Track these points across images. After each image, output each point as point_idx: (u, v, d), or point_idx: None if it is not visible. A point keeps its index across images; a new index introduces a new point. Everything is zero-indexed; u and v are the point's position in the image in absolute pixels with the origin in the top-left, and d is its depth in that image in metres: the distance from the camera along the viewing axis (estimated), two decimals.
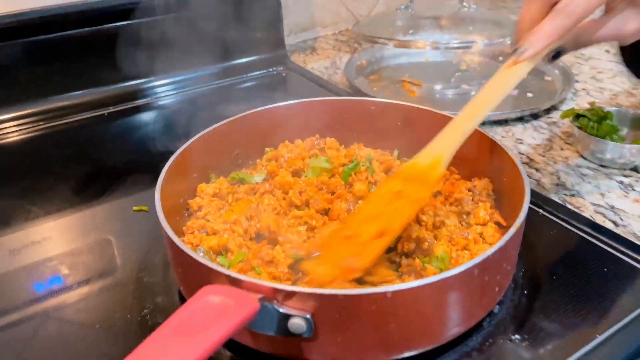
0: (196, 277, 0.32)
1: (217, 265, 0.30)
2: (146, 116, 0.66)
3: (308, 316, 0.28)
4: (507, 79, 0.39)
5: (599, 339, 0.33)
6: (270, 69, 0.74)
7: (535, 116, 0.61)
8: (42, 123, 0.63)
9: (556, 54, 0.41)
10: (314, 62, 0.80)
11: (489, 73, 0.41)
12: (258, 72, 0.74)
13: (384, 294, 0.28)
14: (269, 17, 0.74)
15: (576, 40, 0.40)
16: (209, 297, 0.26)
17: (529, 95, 0.68)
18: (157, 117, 0.65)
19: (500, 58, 0.78)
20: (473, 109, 0.40)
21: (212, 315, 0.25)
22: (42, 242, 0.45)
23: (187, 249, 0.32)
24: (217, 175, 0.46)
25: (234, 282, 0.29)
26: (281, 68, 0.75)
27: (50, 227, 0.47)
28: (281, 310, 0.28)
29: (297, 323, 0.28)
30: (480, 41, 0.72)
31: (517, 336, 0.34)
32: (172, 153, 0.41)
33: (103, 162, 0.57)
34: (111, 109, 0.66)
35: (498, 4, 1.03)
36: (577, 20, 0.36)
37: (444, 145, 0.39)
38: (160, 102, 0.68)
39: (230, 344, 0.33)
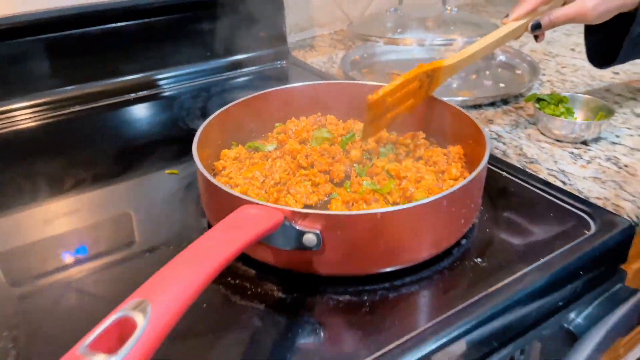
0: (228, 208, 0.41)
1: (246, 196, 0.39)
2: (164, 103, 0.75)
3: (318, 232, 0.37)
4: (500, 30, 0.55)
5: (541, 261, 0.43)
6: (274, 63, 0.84)
7: (505, 102, 0.71)
8: (70, 108, 0.72)
9: (536, 26, 0.55)
10: (312, 57, 0.90)
11: (467, 67, 0.51)
12: (263, 65, 0.83)
13: (375, 214, 0.37)
14: (273, 17, 0.84)
15: (550, 18, 0.55)
16: (247, 210, 0.35)
17: (501, 85, 0.78)
18: (175, 103, 0.74)
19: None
20: (472, 46, 0.55)
21: (252, 218, 0.34)
22: (74, 213, 0.52)
23: (221, 185, 0.41)
24: (237, 144, 0.55)
25: (262, 208, 0.38)
26: (284, 62, 0.85)
27: (83, 198, 0.54)
28: (297, 227, 0.37)
29: (310, 238, 0.38)
30: (460, 39, 0.82)
31: (479, 259, 0.43)
32: (194, 131, 0.50)
33: (132, 140, 0.66)
34: (132, 96, 0.75)
35: (478, 9, 1.13)
36: None
37: (447, 61, 0.53)
38: (176, 91, 0.77)
39: (254, 263, 0.42)
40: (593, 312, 0.46)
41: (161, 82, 0.77)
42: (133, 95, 0.75)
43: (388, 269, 0.41)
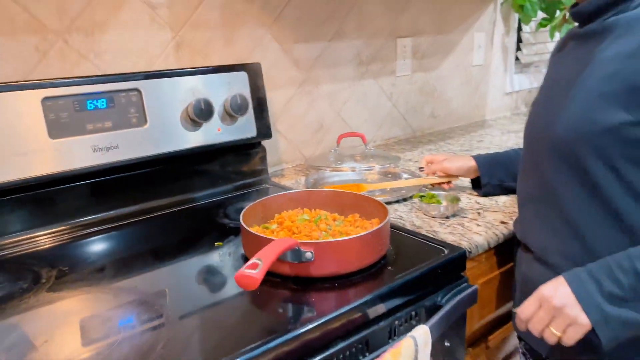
0: (256, 244, 0.83)
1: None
2: (197, 212, 1.17)
3: (312, 251, 0.80)
4: (411, 182, 1.01)
5: (422, 266, 0.87)
6: (262, 185, 1.30)
7: (404, 200, 1.19)
8: (115, 225, 1.13)
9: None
10: (284, 181, 1.37)
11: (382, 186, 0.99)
12: (256, 186, 1.29)
13: (340, 241, 0.81)
14: (259, 160, 1.32)
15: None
16: (277, 242, 0.79)
17: (402, 191, 1.27)
18: (204, 213, 1.17)
19: (389, 175, 1.38)
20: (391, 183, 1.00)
21: (283, 241, 0.77)
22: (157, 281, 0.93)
23: (253, 231, 0.83)
24: (256, 225, 0.99)
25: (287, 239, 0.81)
26: (267, 184, 1.31)
27: (168, 268, 0.95)
28: (301, 249, 0.80)
29: (308, 255, 0.80)
30: (376, 166, 1.33)
31: (389, 267, 0.86)
32: (224, 224, 0.93)
33: (185, 236, 1.07)
34: (174, 209, 1.17)
35: (387, 147, 1.67)
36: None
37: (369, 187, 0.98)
38: (202, 205, 1.20)
39: (270, 274, 0.83)
40: (449, 295, 0.89)
41: (195, 199, 1.20)
42: (174, 208, 1.17)
43: (344, 273, 0.83)
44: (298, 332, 0.70)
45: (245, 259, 0.90)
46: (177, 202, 1.18)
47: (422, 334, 0.78)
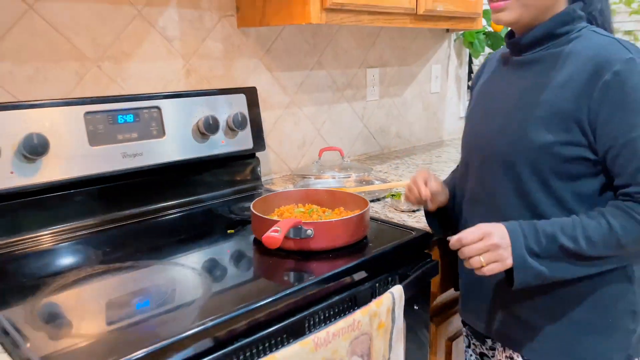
0: (265, 226, 1.05)
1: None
2: (206, 211, 1.39)
3: (312, 229, 1.03)
4: (383, 186, 1.26)
5: (396, 242, 1.11)
6: (258, 190, 1.53)
7: (378, 200, 1.44)
8: (145, 218, 1.33)
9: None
10: (274, 187, 1.60)
11: (358, 190, 1.24)
12: (251, 192, 1.52)
13: (332, 221, 1.05)
14: (254, 171, 1.55)
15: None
16: (286, 219, 1.01)
17: (376, 193, 1.52)
18: (212, 211, 1.38)
19: (363, 182, 1.63)
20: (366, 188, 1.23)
21: (291, 220, 1.00)
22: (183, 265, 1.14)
23: (260, 213, 1.06)
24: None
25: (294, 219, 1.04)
26: (261, 190, 1.54)
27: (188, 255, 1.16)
28: (302, 227, 1.03)
29: (309, 232, 1.03)
30: (353, 175, 1.58)
31: (370, 244, 1.10)
32: (234, 217, 1.16)
33: (202, 228, 1.28)
34: (187, 207, 1.38)
35: (361, 161, 1.93)
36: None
37: (348, 191, 1.20)
38: (209, 205, 1.42)
39: (278, 249, 1.06)
40: (416, 267, 1.14)
41: (203, 200, 1.42)
42: (186, 207, 1.38)
43: (336, 246, 1.07)
44: (303, 286, 0.93)
45: (255, 240, 1.13)
46: (188, 202, 1.39)
47: (397, 290, 1.01)
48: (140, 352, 0.71)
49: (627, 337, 0.94)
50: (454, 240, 0.90)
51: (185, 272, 0.99)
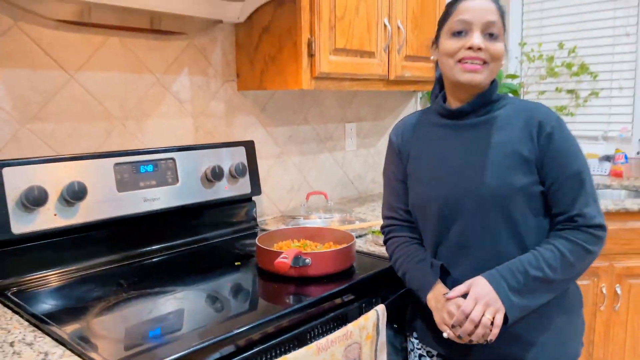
0: (270, 257, 1.28)
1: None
2: (213, 247, 1.60)
3: (310, 258, 1.26)
4: (363, 225, 1.48)
5: (371, 274, 1.35)
6: (255, 229, 1.75)
7: (360, 236, 1.68)
8: (163, 254, 1.54)
9: None
10: (268, 227, 1.82)
11: (343, 228, 1.48)
12: (249, 231, 1.74)
13: (326, 252, 1.28)
14: (250, 214, 1.77)
15: None
16: (289, 249, 1.24)
17: (358, 231, 1.76)
18: (218, 247, 1.60)
19: (346, 222, 1.87)
20: (349, 227, 1.46)
21: (293, 250, 1.23)
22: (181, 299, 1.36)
23: (265, 247, 1.29)
24: None
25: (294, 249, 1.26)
26: (257, 229, 1.76)
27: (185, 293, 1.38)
28: (302, 257, 1.26)
29: (307, 261, 1.26)
30: (337, 215, 1.82)
31: (357, 271, 1.34)
32: (238, 252, 1.38)
33: (212, 261, 1.49)
34: (196, 245, 1.59)
35: (342, 204, 2.18)
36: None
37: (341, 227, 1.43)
38: (215, 242, 1.63)
39: (278, 277, 1.27)
40: (395, 292, 1.37)
41: (208, 238, 1.63)
42: (195, 245, 1.59)
43: (329, 273, 1.30)
44: (304, 304, 1.15)
45: (260, 270, 1.34)
46: (197, 240, 1.61)
47: (381, 308, 1.24)
48: (186, 351, 0.92)
49: (583, 328, 1.21)
50: (460, 317, 1.05)
51: (208, 296, 1.20)
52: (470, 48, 1.09)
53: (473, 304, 1.04)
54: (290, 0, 1.56)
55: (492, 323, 1.04)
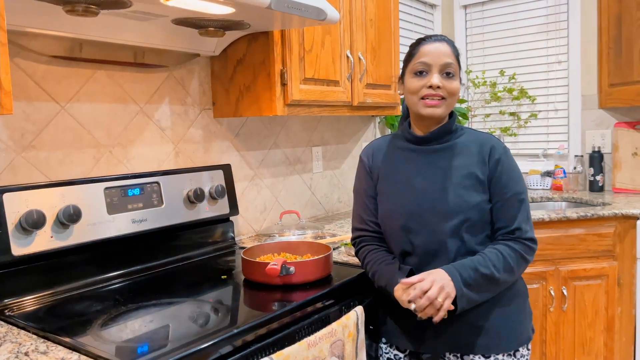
0: (256, 268, 1.40)
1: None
2: (197, 264, 1.69)
3: (294, 267, 1.39)
4: (335, 239, 1.62)
5: (348, 280, 1.48)
6: (233, 246, 1.86)
7: (334, 249, 1.82)
8: (152, 272, 1.62)
9: None
10: (245, 245, 1.94)
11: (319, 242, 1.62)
12: (229, 249, 1.84)
13: (307, 261, 1.41)
14: (228, 234, 1.88)
15: None
16: (275, 259, 1.37)
17: (331, 244, 1.90)
18: (202, 264, 1.69)
19: (318, 237, 2.00)
20: (323, 241, 1.60)
21: (279, 260, 1.35)
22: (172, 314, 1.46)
23: (250, 258, 1.41)
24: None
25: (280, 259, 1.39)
26: (235, 247, 1.87)
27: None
28: (286, 266, 1.38)
29: (291, 270, 1.38)
30: (309, 231, 1.96)
31: (335, 278, 1.47)
32: (222, 269, 1.50)
33: (199, 277, 1.59)
34: (180, 263, 1.68)
35: (317, 220, 2.32)
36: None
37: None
38: (199, 260, 1.72)
39: (266, 286, 1.39)
40: (370, 296, 1.51)
41: (191, 257, 1.72)
42: (179, 263, 1.68)
43: (311, 280, 1.42)
44: (290, 307, 1.27)
45: (246, 281, 1.46)
46: (181, 258, 1.70)
47: (359, 309, 1.38)
48: (194, 349, 1.03)
49: (530, 315, 1.39)
50: (415, 293, 1.20)
51: (204, 304, 1.30)
52: (430, 87, 1.28)
53: (430, 285, 1.19)
54: (263, 35, 1.72)
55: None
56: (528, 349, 1.36)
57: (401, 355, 1.44)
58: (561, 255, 2.32)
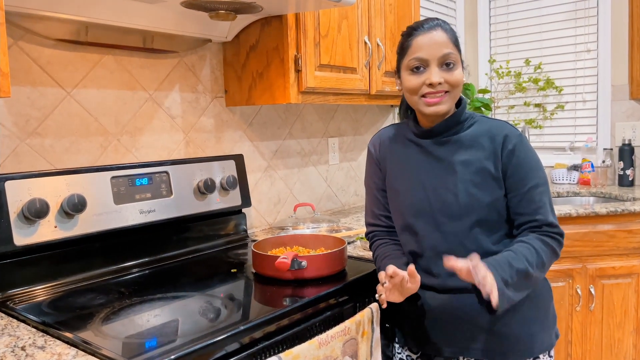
0: (267, 261, 1.33)
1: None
2: (208, 257, 1.64)
3: (306, 261, 1.32)
4: (350, 232, 1.55)
5: (362, 275, 1.41)
6: (244, 240, 1.80)
7: (349, 243, 1.75)
8: (159, 264, 1.57)
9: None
10: (258, 238, 1.87)
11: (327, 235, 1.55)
12: (241, 242, 1.79)
13: (319, 255, 1.34)
14: (241, 227, 1.83)
15: None
16: (286, 252, 1.30)
17: (346, 238, 1.82)
18: (212, 257, 1.64)
19: (333, 231, 1.93)
20: (338, 235, 1.53)
21: (289, 253, 1.29)
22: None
23: (261, 252, 1.34)
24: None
25: (292, 252, 1.32)
26: (247, 240, 1.81)
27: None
28: (298, 260, 1.32)
29: (303, 264, 1.32)
30: (324, 225, 1.89)
31: (349, 273, 1.40)
32: (232, 262, 1.43)
33: (209, 270, 1.53)
34: (190, 255, 1.63)
35: (331, 214, 2.25)
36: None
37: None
38: (209, 253, 1.67)
39: (275, 280, 1.33)
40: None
41: (200, 249, 1.67)
42: (189, 255, 1.63)
43: (323, 275, 1.36)
44: (302, 303, 1.20)
45: (256, 275, 1.40)
46: (190, 251, 1.65)
47: (375, 306, 1.31)
48: (200, 345, 0.96)
49: (554, 319, 1.28)
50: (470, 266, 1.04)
51: (213, 299, 1.24)
52: (430, 84, 1.15)
53: (484, 268, 1.05)
54: (276, 19, 1.65)
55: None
56: (550, 356, 1.25)
57: (414, 357, 1.36)
58: (589, 253, 2.21)
